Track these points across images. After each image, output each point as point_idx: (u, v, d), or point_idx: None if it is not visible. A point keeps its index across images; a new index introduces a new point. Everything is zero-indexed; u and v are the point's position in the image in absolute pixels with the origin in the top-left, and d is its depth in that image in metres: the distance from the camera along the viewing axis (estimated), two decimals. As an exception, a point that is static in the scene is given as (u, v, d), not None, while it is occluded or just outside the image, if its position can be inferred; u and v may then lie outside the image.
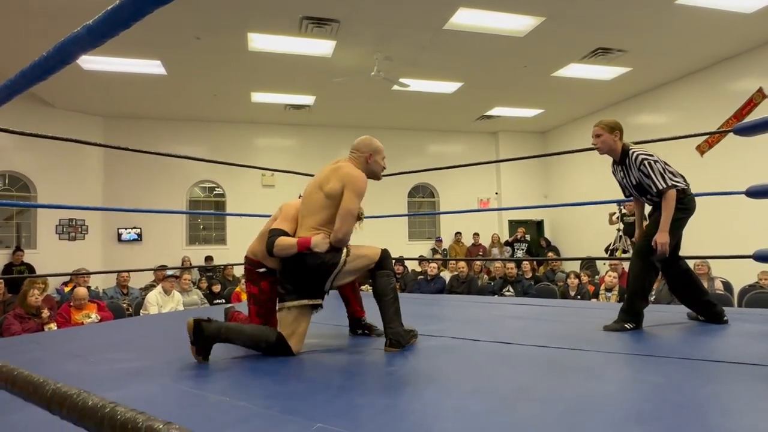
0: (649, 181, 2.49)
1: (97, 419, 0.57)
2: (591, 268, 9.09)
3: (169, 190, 10.03)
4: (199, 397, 1.55)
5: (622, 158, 2.62)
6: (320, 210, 2.16)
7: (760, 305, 5.06)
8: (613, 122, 2.64)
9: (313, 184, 2.25)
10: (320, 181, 2.20)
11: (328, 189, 2.15)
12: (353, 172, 2.19)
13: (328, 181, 2.17)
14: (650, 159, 2.50)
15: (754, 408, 1.37)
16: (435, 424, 1.28)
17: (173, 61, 7.13)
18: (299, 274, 2.13)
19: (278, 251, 2.13)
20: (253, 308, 2.39)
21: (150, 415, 0.54)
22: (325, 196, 2.15)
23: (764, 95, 6.93)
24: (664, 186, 2.46)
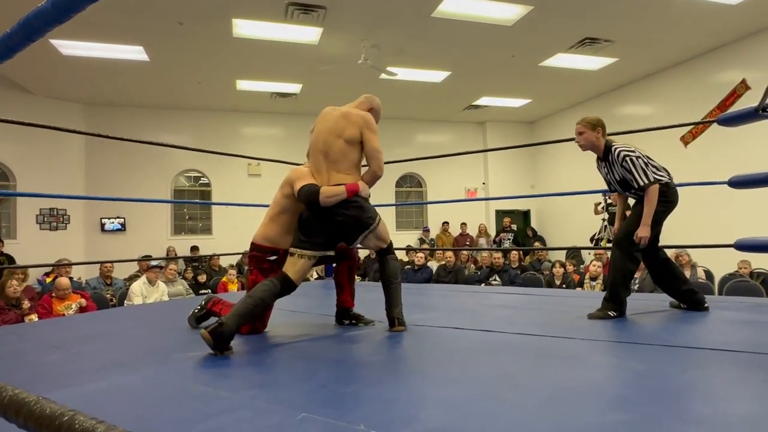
0: (631, 177, 2.52)
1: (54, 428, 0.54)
2: (576, 258, 9.20)
3: (154, 180, 9.89)
4: (183, 388, 1.53)
5: (605, 155, 2.64)
6: (344, 157, 2.23)
7: (739, 293, 5.17)
8: (595, 119, 2.64)
9: (326, 134, 2.26)
10: (335, 130, 2.25)
11: (348, 135, 2.23)
12: (364, 114, 2.31)
13: (344, 128, 2.25)
14: (632, 155, 2.52)
15: (732, 393, 1.40)
16: (420, 413, 1.28)
17: (156, 47, 6.98)
18: (336, 223, 2.18)
19: (326, 198, 2.14)
20: None
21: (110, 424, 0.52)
22: (346, 143, 2.23)
23: (747, 87, 7.02)
24: (646, 182, 2.49)
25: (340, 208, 2.17)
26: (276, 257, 2.33)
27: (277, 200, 2.39)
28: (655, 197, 2.49)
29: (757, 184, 2.94)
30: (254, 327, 2.29)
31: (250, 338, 2.26)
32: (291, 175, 2.35)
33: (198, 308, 2.47)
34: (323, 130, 2.30)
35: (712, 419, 1.18)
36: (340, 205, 2.17)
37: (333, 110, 2.38)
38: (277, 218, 2.36)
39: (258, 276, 2.33)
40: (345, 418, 1.22)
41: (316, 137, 2.33)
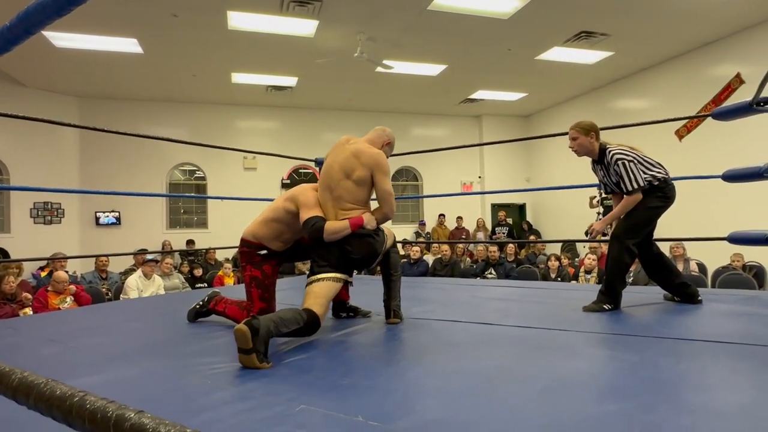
0: (621, 181, 2.54)
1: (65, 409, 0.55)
2: (571, 251, 9.25)
3: (149, 173, 9.84)
4: (181, 381, 1.54)
5: (601, 157, 2.65)
6: (352, 195, 2.21)
7: (732, 286, 5.22)
8: (589, 124, 2.64)
9: (336, 170, 2.23)
10: (345, 168, 2.21)
11: (357, 177, 2.20)
12: (375, 154, 2.24)
13: (354, 169, 2.20)
14: (625, 159, 2.53)
15: (724, 384, 1.42)
16: (417, 403, 1.29)
17: (150, 39, 6.92)
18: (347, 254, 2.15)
19: (330, 235, 2.12)
20: (256, 292, 2.31)
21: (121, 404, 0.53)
22: (355, 184, 2.20)
23: (742, 81, 7.05)
24: (632, 188, 2.52)
25: (347, 244, 2.15)
26: (266, 251, 2.32)
27: (278, 208, 2.34)
28: (632, 204, 2.54)
29: (750, 178, 2.96)
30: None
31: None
32: (299, 197, 2.28)
33: (200, 304, 2.46)
34: (333, 165, 2.25)
35: (704, 409, 1.20)
36: (348, 240, 2.14)
37: (347, 143, 2.32)
38: (271, 224, 2.33)
39: (252, 270, 2.32)
40: (343, 409, 1.23)
41: (325, 170, 2.29)
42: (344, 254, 2.15)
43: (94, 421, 0.52)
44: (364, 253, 2.18)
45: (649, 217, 2.58)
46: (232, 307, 2.37)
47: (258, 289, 2.31)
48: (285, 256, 2.43)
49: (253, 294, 2.31)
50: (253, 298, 2.31)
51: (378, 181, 2.21)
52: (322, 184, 2.30)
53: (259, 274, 2.31)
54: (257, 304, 2.30)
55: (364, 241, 2.17)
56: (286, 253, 2.41)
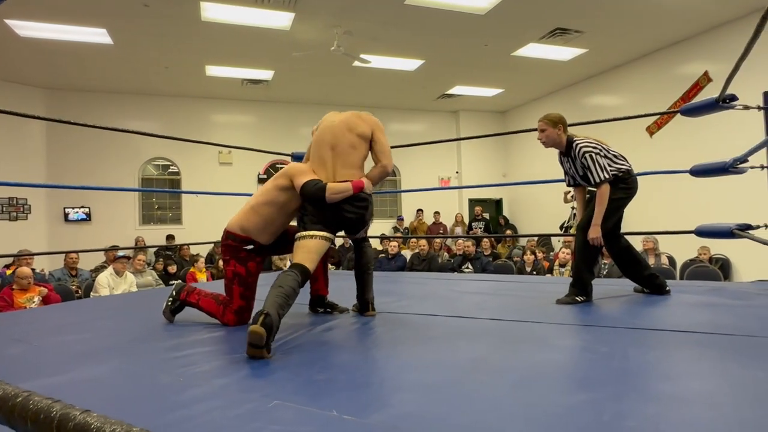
0: (589, 173, 2.59)
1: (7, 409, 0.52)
2: (546, 245, 9.40)
3: (120, 168, 9.59)
4: (152, 378, 1.51)
5: (568, 150, 2.69)
6: (353, 152, 2.26)
7: (699, 278, 5.40)
8: (556, 116, 2.68)
9: (337, 127, 2.28)
10: (347, 124, 2.29)
11: (360, 131, 2.28)
12: (375, 118, 2.38)
13: (357, 124, 2.29)
14: (592, 152, 2.58)
15: (690, 372, 1.46)
16: (393, 397, 1.29)
17: (119, 29, 6.73)
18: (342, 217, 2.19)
19: (333, 195, 2.13)
20: (238, 289, 2.23)
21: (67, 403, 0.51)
22: (359, 137, 2.27)
23: (709, 79, 7.26)
24: (600, 179, 2.56)
25: (348, 204, 2.18)
26: (252, 246, 2.25)
27: (267, 190, 2.28)
28: (606, 197, 2.58)
29: (715, 173, 3.06)
30: (243, 317, 2.24)
31: (221, 328, 2.23)
32: (290, 170, 2.27)
33: (170, 300, 2.37)
34: (333, 123, 2.31)
35: (671, 396, 1.23)
36: (348, 201, 2.18)
37: (340, 112, 2.42)
38: (260, 209, 2.25)
39: (237, 266, 2.23)
40: (318, 404, 1.22)
41: (322, 131, 2.31)
42: (338, 214, 2.18)
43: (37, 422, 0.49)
44: (359, 216, 2.23)
45: (614, 208, 2.63)
46: (207, 300, 2.30)
47: (240, 286, 2.23)
48: (270, 249, 2.38)
49: (234, 291, 2.24)
50: (234, 295, 2.24)
51: (378, 137, 2.32)
52: (319, 144, 2.29)
53: (243, 271, 2.24)
54: (236, 302, 2.23)
55: (362, 204, 2.22)
56: (271, 246, 2.36)
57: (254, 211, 2.26)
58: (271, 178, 2.36)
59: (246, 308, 2.25)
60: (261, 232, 2.25)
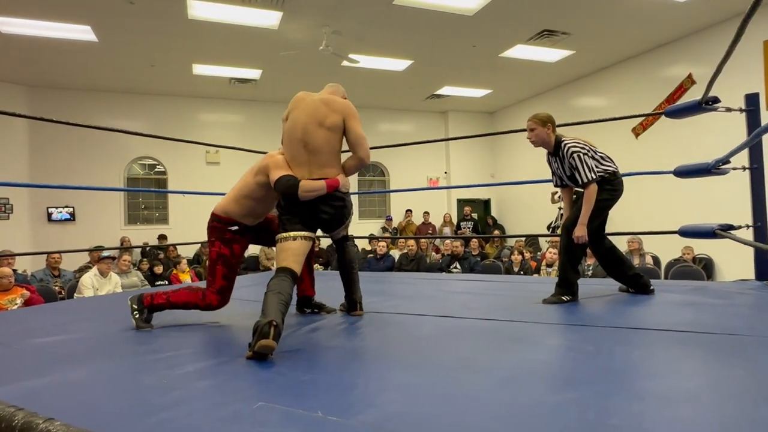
0: (576, 173, 2.61)
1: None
2: (533, 245, 9.47)
3: (105, 167, 9.45)
4: (134, 381, 1.48)
5: (556, 150, 2.71)
6: (325, 144, 2.16)
7: (683, 277, 5.47)
8: (546, 116, 2.70)
9: (306, 121, 2.17)
10: (316, 117, 2.17)
11: (331, 123, 2.17)
12: (343, 101, 2.26)
13: (326, 116, 2.17)
14: (580, 152, 2.60)
15: (674, 370, 1.48)
16: (378, 397, 1.29)
17: (104, 26, 6.63)
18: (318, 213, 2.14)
19: (305, 193, 2.08)
20: (221, 270, 2.22)
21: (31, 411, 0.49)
22: (329, 130, 2.17)
23: (693, 81, 7.37)
24: (587, 180, 2.58)
25: (323, 204, 2.14)
26: (237, 227, 2.27)
27: (248, 183, 2.28)
28: (593, 197, 2.60)
29: (698, 174, 3.11)
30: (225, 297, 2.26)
31: (206, 329, 2.21)
32: (266, 162, 2.22)
33: (135, 313, 2.23)
34: (302, 117, 2.19)
35: (654, 394, 1.24)
36: (322, 200, 2.13)
37: (309, 96, 2.29)
38: (242, 201, 2.27)
39: (222, 248, 2.24)
40: (303, 405, 1.21)
41: (293, 125, 2.21)
42: (315, 213, 2.14)
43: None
44: (336, 216, 2.18)
45: (599, 209, 2.65)
46: (179, 293, 2.24)
47: (224, 267, 2.24)
48: (255, 233, 2.38)
49: (217, 271, 2.24)
50: (216, 276, 2.23)
51: (351, 126, 2.20)
52: (290, 139, 2.20)
53: (227, 252, 2.25)
54: (219, 282, 2.23)
55: (338, 204, 2.17)
56: (257, 229, 2.37)
57: (237, 202, 2.28)
58: (250, 170, 2.32)
59: (228, 288, 2.26)
60: (244, 217, 2.29)
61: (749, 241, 2.54)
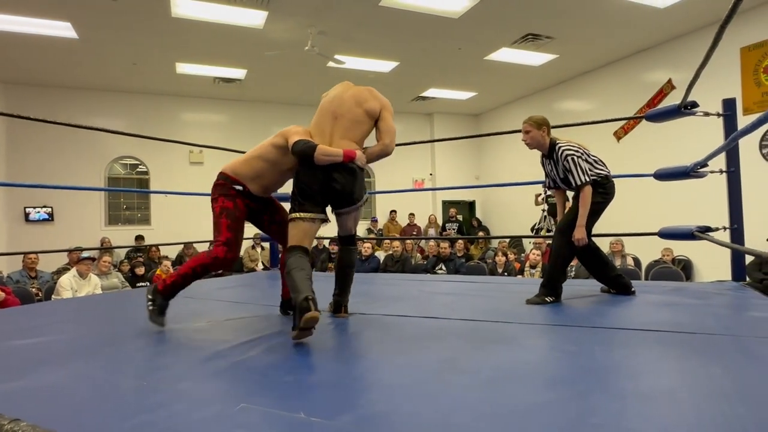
0: (570, 176, 2.65)
1: None
2: (517, 247, 9.55)
3: (85, 166, 9.27)
4: (113, 383, 1.45)
5: (550, 152, 2.75)
6: (356, 125, 2.22)
7: (663, 278, 5.57)
8: (541, 119, 2.75)
9: (345, 98, 2.25)
10: (357, 97, 2.25)
11: (368, 107, 2.24)
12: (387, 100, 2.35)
13: (366, 99, 2.26)
14: (574, 155, 2.64)
15: (653, 369, 1.50)
16: (361, 398, 1.28)
17: (85, 23, 6.51)
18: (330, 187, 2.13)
19: (321, 155, 2.07)
20: (226, 222, 2.20)
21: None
22: (365, 113, 2.24)
23: (673, 86, 7.52)
24: (582, 182, 2.63)
25: (337, 173, 2.12)
26: (241, 188, 2.25)
27: (264, 145, 2.30)
28: (589, 199, 2.63)
29: (677, 177, 3.17)
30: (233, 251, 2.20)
31: (188, 329, 2.18)
32: (288, 129, 2.27)
33: (150, 301, 2.18)
34: (343, 94, 2.28)
35: (634, 394, 1.26)
36: (335, 168, 2.12)
37: (353, 85, 2.38)
38: (253, 161, 2.27)
39: (225, 201, 2.22)
40: (285, 406, 1.20)
41: (329, 99, 2.29)
42: (327, 182, 2.12)
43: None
44: (347, 188, 2.16)
45: (592, 212, 2.69)
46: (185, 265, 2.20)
47: (228, 219, 2.20)
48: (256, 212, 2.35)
49: (221, 224, 2.20)
50: (222, 229, 2.19)
51: (385, 116, 2.28)
52: (323, 111, 2.26)
53: (231, 205, 2.22)
54: (224, 234, 2.19)
55: (350, 177, 2.15)
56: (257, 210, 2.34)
57: (248, 163, 2.27)
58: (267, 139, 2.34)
59: (234, 241, 2.20)
60: (251, 180, 2.26)
61: (726, 242, 2.60)
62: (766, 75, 6.23)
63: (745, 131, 1.90)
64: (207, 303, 2.98)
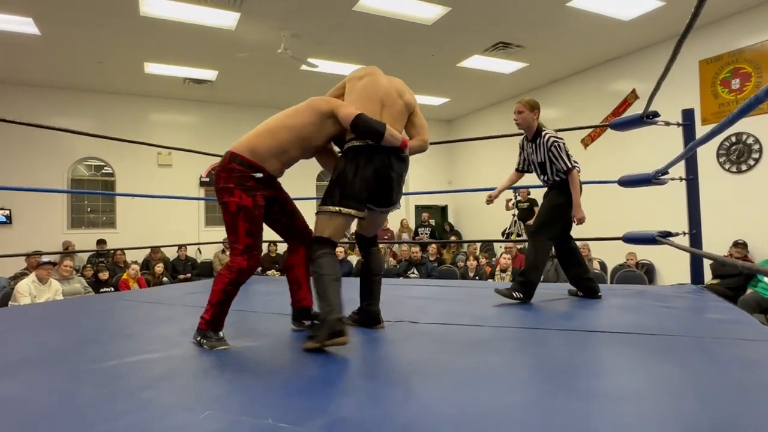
0: (558, 161, 2.74)
1: None
2: (488, 251, 9.68)
3: (47, 167, 8.92)
4: (71, 393, 1.40)
5: (535, 136, 2.85)
6: (400, 118, 2.08)
7: (627, 281, 5.74)
8: (534, 101, 2.87)
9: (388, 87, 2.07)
10: (397, 88, 2.10)
11: (407, 100, 2.11)
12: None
13: (405, 92, 2.11)
14: (559, 142, 2.76)
15: (617, 370, 1.55)
16: (330, 403, 1.27)
17: (48, 19, 6.29)
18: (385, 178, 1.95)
19: (390, 137, 1.88)
20: (243, 225, 1.86)
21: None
22: (405, 106, 2.09)
23: (636, 96, 7.78)
24: (569, 167, 2.74)
25: (394, 158, 1.96)
26: (262, 175, 1.91)
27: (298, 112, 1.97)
28: (578, 181, 2.77)
29: (640, 184, 3.28)
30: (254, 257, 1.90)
31: (152, 335, 2.12)
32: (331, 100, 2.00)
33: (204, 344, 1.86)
34: (383, 81, 2.08)
35: (600, 394, 1.29)
36: (395, 153, 1.96)
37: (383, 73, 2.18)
38: (280, 132, 1.92)
39: (243, 197, 1.86)
40: (252, 412, 1.18)
41: (373, 83, 2.04)
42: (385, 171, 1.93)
43: None
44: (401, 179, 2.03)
45: (563, 211, 2.81)
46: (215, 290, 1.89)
47: (246, 222, 1.87)
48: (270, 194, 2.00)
49: (239, 228, 1.87)
50: (239, 233, 1.87)
51: (419, 112, 2.17)
52: (369, 95, 2.01)
53: (250, 203, 1.87)
54: (243, 241, 1.87)
55: (404, 165, 2.03)
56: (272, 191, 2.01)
57: (271, 134, 1.93)
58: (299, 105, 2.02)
59: (254, 246, 1.90)
60: (273, 157, 1.92)
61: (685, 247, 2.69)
62: (723, 87, 6.52)
63: (702, 140, 1.99)
64: (175, 308, 2.91)
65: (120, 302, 3.34)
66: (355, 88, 2.06)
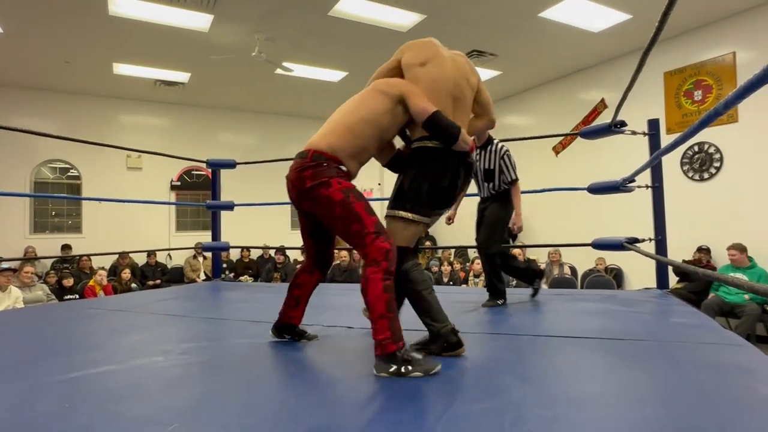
0: (507, 170, 2.95)
1: None
2: (463, 256, 9.77)
3: (8, 170, 8.57)
4: (31, 406, 1.34)
5: (485, 144, 3.02)
6: (469, 105, 1.90)
7: (596, 286, 5.87)
8: None
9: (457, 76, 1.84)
10: (464, 73, 1.87)
11: (473, 82, 1.90)
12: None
13: (470, 73, 1.90)
14: (510, 154, 2.99)
15: (585, 375, 1.58)
16: (301, 413, 1.25)
17: (11, 16, 6.07)
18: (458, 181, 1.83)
19: (462, 142, 1.71)
20: (360, 205, 1.66)
21: None
22: (471, 89, 1.89)
23: (605, 105, 8.01)
24: (516, 177, 2.98)
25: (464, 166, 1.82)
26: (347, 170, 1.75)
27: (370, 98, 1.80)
28: (519, 192, 3.01)
29: (608, 191, 3.37)
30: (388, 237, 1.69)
31: (119, 345, 2.05)
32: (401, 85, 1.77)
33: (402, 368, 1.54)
34: (451, 67, 1.84)
35: (566, 400, 1.31)
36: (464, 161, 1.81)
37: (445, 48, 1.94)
38: (359, 127, 1.74)
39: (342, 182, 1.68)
40: (221, 425, 1.16)
41: (442, 73, 1.81)
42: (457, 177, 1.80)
43: None
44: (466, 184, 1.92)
45: (505, 223, 3.03)
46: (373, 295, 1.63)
47: (360, 200, 1.67)
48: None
49: (358, 211, 1.65)
50: (362, 217, 1.65)
51: (483, 87, 1.95)
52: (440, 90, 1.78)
53: (351, 185, 1.71)
54: (370, 222, 1.65)
55: (471, 171, 1.89)
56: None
57: (350, 130, 1.75)
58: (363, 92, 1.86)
59: (381, 225, 1.70)
60: (351, 158, 1.74)
61: (650, 253, 2.78)
62: (686, 98, 6.77)
63: (667, 149, 2.05)
64: (143, 316, 2.83)
65: (85, 310, 3.23)
66: (420, 76, 1.82)
